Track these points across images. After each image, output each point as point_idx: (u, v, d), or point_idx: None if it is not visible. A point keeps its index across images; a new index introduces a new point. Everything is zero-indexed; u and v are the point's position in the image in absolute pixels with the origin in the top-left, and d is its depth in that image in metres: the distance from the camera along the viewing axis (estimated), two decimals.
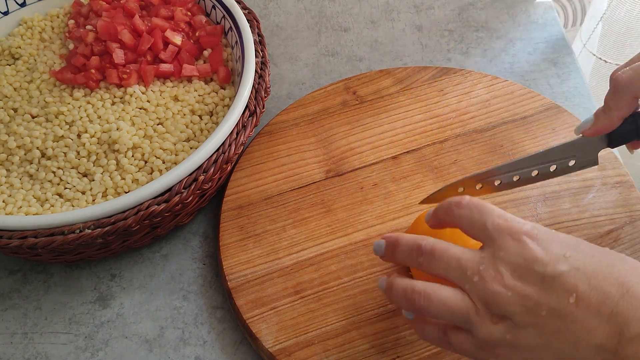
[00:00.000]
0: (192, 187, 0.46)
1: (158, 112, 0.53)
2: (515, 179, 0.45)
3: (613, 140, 0.42)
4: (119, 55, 0.54)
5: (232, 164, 0.55)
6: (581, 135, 0.43)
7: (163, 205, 0.45)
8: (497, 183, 0.45)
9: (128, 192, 0.49)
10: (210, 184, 0.48)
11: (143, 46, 0.55)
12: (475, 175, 0.44)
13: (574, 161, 0.44)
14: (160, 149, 0.51)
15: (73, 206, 0.49)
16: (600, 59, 0.92)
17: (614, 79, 0.39)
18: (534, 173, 0.44)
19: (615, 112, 0.40)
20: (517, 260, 0.34)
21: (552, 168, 0.44)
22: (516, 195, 0.53)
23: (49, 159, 0.51)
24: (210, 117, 0.55)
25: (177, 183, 0.46)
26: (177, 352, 0.48)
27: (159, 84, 0.55)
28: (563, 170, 0.44)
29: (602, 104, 0.41)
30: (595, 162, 0.44)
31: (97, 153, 0.51)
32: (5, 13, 0.60)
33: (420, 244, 0.37)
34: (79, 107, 0.53)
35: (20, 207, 0.49)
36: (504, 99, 0.60)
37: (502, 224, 0.35)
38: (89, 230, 0.44)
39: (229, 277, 0.49)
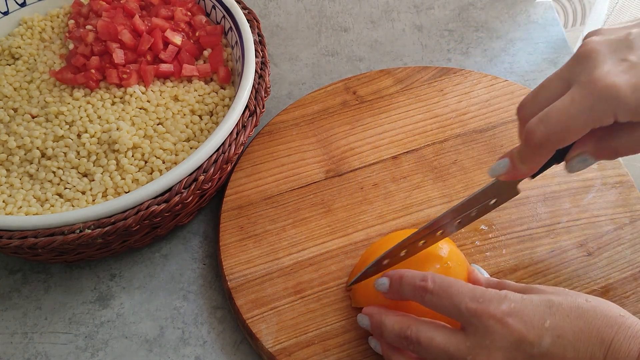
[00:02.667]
0: (192, 187, 0.46)
1: (158, 112, 0.53)
2: (438, 233, 0.43)
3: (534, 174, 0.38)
4: (119, 55, 0.54)
5: (232, 164, 0.55)
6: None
7: (163, 205, 0.45)
8: (421, 243, 0.44)
9: (128, 192, 0.49)
10: (210, 184, 0.48)
11: (143, 46, 0.55)
12: (400, 243, 0.43)
13: (494, 200, 0.42)
14: (160, 149, 0.51)
15: (73, 206, 0.49)
16: None
17: (528, 135, 0.34)
18: (456, 222, 0.43)
19: (535, 164, 0.36)
20: (504, 344, 0.35)
21: (473, 213, 0.43)
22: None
23: (49, 159, 0.51)
24: (210, 117, 0.55)
25: (177, 183, 0.46)
26: (177, 352, 0.48)
27: (159, 84, 0.55)
28: (484, 211, 0.43)
29: None
30: (516, 193, 0.41)
31: (97, 153, 0.51)
32: (5, 13, 0.60)
33: (406, 335, 0.38)
34: (79, 107, 0.53)
35: (20, 207, 0.49)
36: (504, 99, 0.60)
37: (478, 308, 0.35)
38: (89, 230, 0.44)
39: (229, 277, 0.49)
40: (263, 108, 0.52)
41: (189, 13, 0.59)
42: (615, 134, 0.34)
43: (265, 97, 0.53)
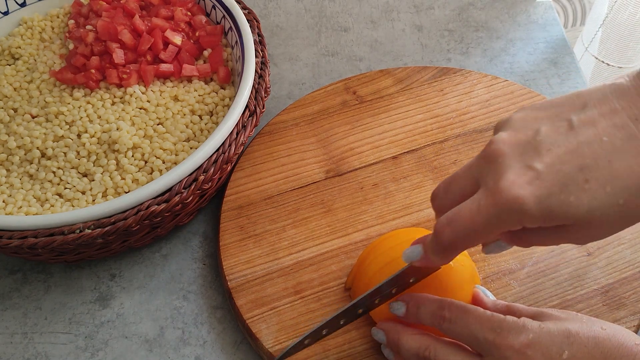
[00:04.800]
0: (192, 187, 0.46)
1: (158, 112, 0.53)
2: (359, 312, 0.42)
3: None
4: (119, 55, 0.54)
5: (232, 164, 0.55)
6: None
7: (163, 205, 0.45)
8: (341, 322, 0.42)
9: (128, 192, 0.49)
10: (210, 184, 0.48)
11: (143, 46, 0.55)
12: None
13: (414, 279, 0.41)
14: (160, 149, 0.51)
15: (73, 206, 0.49)
16: (602, 62, 0.93)
17: (436, 234, 0.34)
18: (376, 301, 0.41)
19: (446, 259, 0.36)
20: None
21: (394, 291, 0.41)
22: None
23: (49, 159, 0.51)
24: (210, 117, 0.55)
25: (177, 183, 0.46)
26: (177, 352, 0.48)
27: (159, 84, 0.55)
28: (405, 289, 0.41)
29: None
30: (437, 269, 0.40)
31: (97, 153, 0.51)
32: (5, 13, 0.60)
33: (425, 355, 0.38)
34: (79, 107, 0.53)
35: (20, 207, 0.49)
36: (504, 99, 0.60)
37: (496, 339, 0.35)
38: (89, 230, 0.44)
39: (229, 277, 0.49)
40: (263, 108, 0.52)
41: (189, 13, 0.59)
42: (526, 232, 0.34)
43: (265, 97, 0.53)
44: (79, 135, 0.52)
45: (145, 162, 0.51)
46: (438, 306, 0.38)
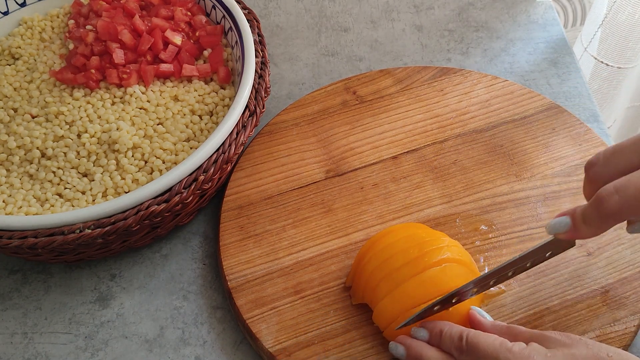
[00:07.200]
0: (192, 187, 0.46)
1: (158, 112, 0.53)
2: (491, 282, 0.42)
3: None
4: (119, 55, 0.54)
5: (232, 164, 0.55)
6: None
7: (163, 205, 0.45)
8: (475, 290, 0.42)
9: (128, 192, 0.49)
10: (210, 184, 0.48)
11: (143, 46, 0.55)
12: (447, 296, 0.41)
13: (550, 252, 0.41)
14: (160, 149, 0.51)
15: (73, 206, 0.49)
16: (601, 62, 0.93)
17: (600, 202, 0.34)
18: (510, 273, 0.42)
19: (600, 230, 0.36)
20: None
21: (528, 264, 0.42)
22: (516, 195, 0.53)
23: (49, 159, 0.51)
24: (210, 117, 0.55)
25: (177, 183, 0.46)
26: (177, 352, 0.48)
27: (159, 84, 0.55)
28: (539, 262, 0.42)
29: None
30: (572, 245, 0.40)
31: (97, 153, 0.51)
32: (5, 13, 0.60)
33: None
34: (79, 107, 0.53)
35: (20, 207, 0.49)
36: (504, 99, 0.60)
37: None
38: (89, 230, 0.44)
39: (229, 277, 0.49)
40: (263, 108, 0.52)
41: (189, 13, 0.59)
42: None
43: (265, 97, 0.53)
44: (79, 135, 0.52)
45: (145, 162, 0.51)
46: (458, 337, 0.39)
